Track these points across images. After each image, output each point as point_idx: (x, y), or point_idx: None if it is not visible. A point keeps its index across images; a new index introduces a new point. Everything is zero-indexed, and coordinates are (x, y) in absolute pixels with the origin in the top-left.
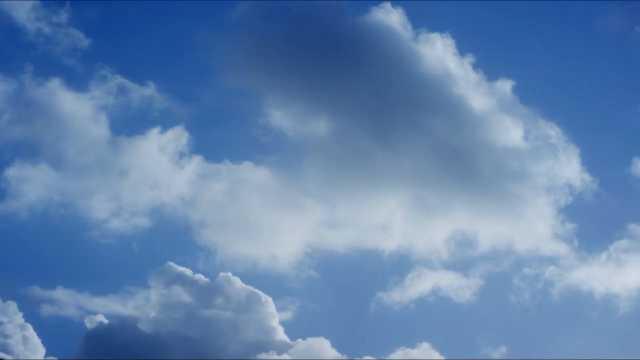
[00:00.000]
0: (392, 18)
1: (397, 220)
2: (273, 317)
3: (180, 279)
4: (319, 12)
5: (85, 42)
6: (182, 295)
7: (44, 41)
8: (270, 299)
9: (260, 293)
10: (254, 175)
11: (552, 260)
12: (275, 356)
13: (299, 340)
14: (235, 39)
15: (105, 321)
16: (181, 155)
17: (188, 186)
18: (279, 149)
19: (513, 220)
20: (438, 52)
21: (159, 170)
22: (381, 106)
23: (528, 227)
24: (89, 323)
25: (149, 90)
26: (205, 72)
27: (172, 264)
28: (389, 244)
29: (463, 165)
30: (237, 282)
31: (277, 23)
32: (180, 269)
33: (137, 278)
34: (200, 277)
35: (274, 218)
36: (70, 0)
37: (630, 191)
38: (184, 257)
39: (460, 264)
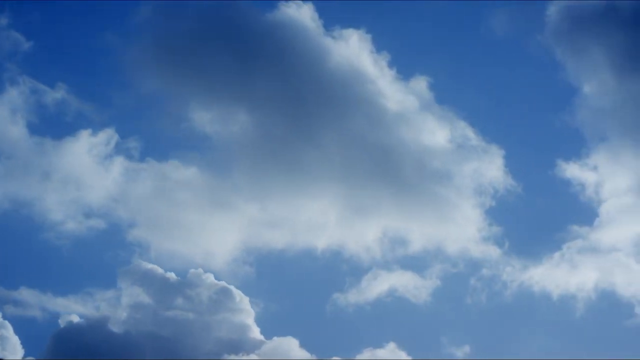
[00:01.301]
0: (303, 15)
1: (331, 219)
2: (248, 314)
3: (150, 277)
4: (225, 10)
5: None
6: (153, 294)
7: None
8: (246, 298)
9: (234, 290)
10: (181, 174)
11: (486, 262)
12: (244, 356)
13: (275, 338)
14: (141, 40)
15: (76, 321)
16: (106, 156)
17: (117, 187)
18: (203, 148)
19: (442, 222)
20: (353, 49)
21: (86, 172)
22: (300, 104)
23: (458, 229)
24: (63, 323)
25: (61, 93)
26: (115, 74)
27: (141, 262)
28: (323, 242)
29: (387, 164)
30: (210, 278)
31: (183, 22)
32: (150, 266)
33: (100, 278)
34: (171, 275)
35: (206, 216)
36: None
37: (558, 193)
38: (118, 255)
39: (416, 265)
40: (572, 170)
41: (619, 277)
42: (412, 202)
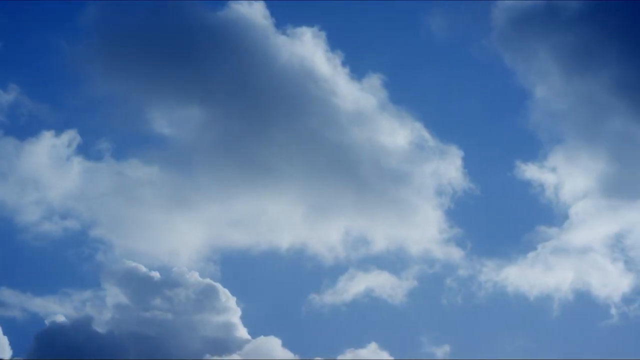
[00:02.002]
0: (255, 13)
1: (295, 218)
2: (233, 313)
3: (133, 276)
4: (175, 9)
5: None
6: (136, 293)
7: None
8: (232, 298)
9: (220, 287)
10: (143, 173)
11: (450, 263)
12: (227, 356)
13: (260, 337)
14: (91, 41)
15: (60, 320)
16: (65, 157)
17: (78, 187)
18: (163, 147)
19: (404, 222)
20: (306, 48)
21: (47, 173)
22: (256, 103)
23: (419, 230)
24: (48, 323)
25: (14, 94)
26: (67, 75)
27: (125, 261)
28: (288, 241)
29: (346, 164)
30: (194, 276)
31: (133, 21)
32: (133, 264)
33: (71, 278)
34: (155, 274)
35: (169, 215)
36: None
37: (518, 194)
38: (84, 254)
39: (385, 266)
40: (531, 172)
41: (594, 278)
42: (373, 203)
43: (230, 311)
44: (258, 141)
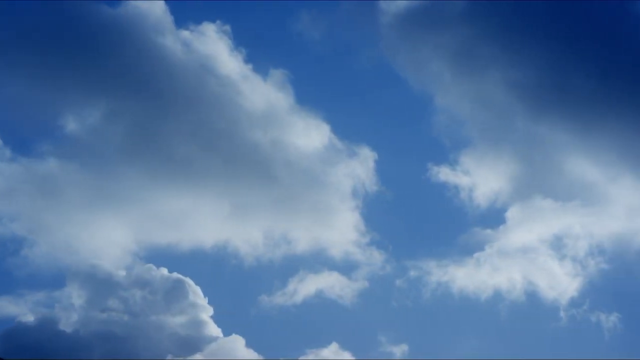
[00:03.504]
0: (154, 9)
1: (219, 216)
2: (203, 309)
3: (98, 275)
4: (71, 7)
5: None
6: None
7: None
8: (205, 297)
9: (190, 282)
10: (62, 171)
11: (371, 265)
12: (190, 356)
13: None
14: None
15: (26, 321)
16: None
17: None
18: (79, 145)
19: (323, 224)
20: (208, 45)
21: None
22: (158, 102)
23: (339, 232)
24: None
25: None
26: None
27: (90, 260)
28: (212, 239)
29: (260, 164)
30: (163, 272)
31: (30, 20)
32: (97, 263)
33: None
34: (121, 272)
35: (93, 214)
36: None
37: (435, 196)
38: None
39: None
40: (445, 174)
41: (539, 279)
42: (291, 203)
43: (198, 308)
44: (169, 138)
